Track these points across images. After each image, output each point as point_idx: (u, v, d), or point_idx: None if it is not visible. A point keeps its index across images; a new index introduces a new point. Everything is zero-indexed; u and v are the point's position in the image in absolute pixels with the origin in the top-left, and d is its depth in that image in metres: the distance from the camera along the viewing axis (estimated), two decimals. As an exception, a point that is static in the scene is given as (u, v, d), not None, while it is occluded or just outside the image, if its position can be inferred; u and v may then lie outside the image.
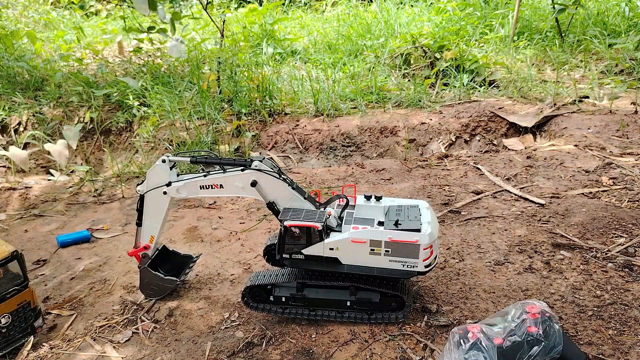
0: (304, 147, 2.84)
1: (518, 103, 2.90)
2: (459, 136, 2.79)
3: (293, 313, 1.23)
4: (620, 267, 1.37)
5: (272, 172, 1.18)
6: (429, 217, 1.16)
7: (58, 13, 5.98)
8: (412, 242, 1.10)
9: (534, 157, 2.23)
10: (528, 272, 1.38)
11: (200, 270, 1.47)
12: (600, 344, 1.09)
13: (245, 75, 3.19)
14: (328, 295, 1.21)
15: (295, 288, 1.22)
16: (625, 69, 3.27)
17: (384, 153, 2.76)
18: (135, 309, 1.31)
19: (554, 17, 3.90)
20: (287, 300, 1.23)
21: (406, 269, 1.13)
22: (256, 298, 1.24)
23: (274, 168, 1.19)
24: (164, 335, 1.21)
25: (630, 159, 2.08)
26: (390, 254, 1.13)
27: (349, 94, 3.19)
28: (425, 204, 1.22)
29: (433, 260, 1.15)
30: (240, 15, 5.11)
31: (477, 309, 1.24)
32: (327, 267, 1.17)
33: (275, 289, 1.24)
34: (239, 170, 1.19)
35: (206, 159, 1.22)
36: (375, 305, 1.20)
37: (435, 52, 3.51)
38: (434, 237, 1.11)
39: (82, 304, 1.34)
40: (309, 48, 4.49)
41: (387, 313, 1.19)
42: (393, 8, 4.95)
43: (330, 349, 1.12)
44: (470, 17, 4.45)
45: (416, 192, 1.94)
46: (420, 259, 1.12)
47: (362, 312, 1.20)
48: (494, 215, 1.71)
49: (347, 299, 1.20)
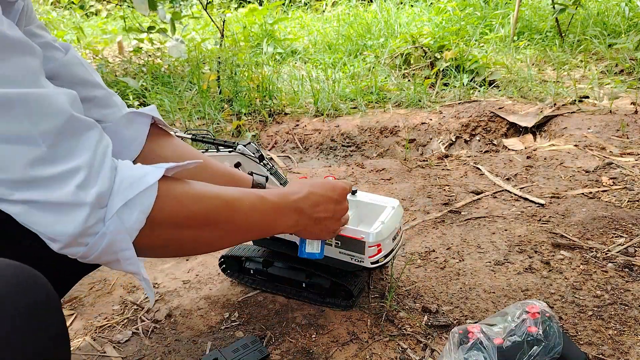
0: (304, 147, 2.84)
1: (518, 103, 2.90)
2: (459, 136, 2.79)
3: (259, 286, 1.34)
4: (620, 267, 1.37)
5: (253, 156, 1.24)
6: (387, 217, 1.19)
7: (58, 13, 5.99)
8: (358, 239, 1.13)
9: (534, 157, 2.23)
10: (528, 272, 1.38)
11: (200, 270, 1.47)
12: (600, 344, 1.09)
13: (245, 75, 3.19)
14: (287, 274, 1.30)
15: (261, 264, 1.32)
16: (625, 69, 3.27)
17: (384, 153, 2.76)
18: (135, 309, 1.31)
19: (554, 17, 3.90)
20: (254, 273, 1.34)
21: (354, 262, 1.18)
22: (230, 267, 1.37)
23: (256, 153, 1.25)
24: (164, 335, 1.21)
25: (630, 159, 2.08)
26: (340, 247, 1.18)
27: (349, 94, 3.19)
28: (396, 203, 1.24)
29: (382, 258, 1.18)
30: (240, 15, 5.11)
31: (477, 309, 1.24)
32: (287, 250, 1.26)
33: (245, 262, 1.35)
34: (227, 152, 1.26)
35: (203, 138, 1.28)
36: (327, 291, 1.26)
37: (435, 52, 3.51)
38: (383, 236, 1.14)
39: (82, 303, 1.34)
40: (309, 48, 4.49)
41: (337, 299, 1.25)
42: (393, 8, 4.95)
43: (330, 349, 1.12)
44: (470, 17, 4.46)
45: (416, 192, 1.94)
46: (366, 255, 1.15)
47: (315, 295, 1.28)
48: (494, 215, 1.71)
49: (303, 280, 1.28)
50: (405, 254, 1.51)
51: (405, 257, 1.49)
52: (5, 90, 0.53)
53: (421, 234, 1.62)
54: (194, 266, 1.49)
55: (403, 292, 1.32)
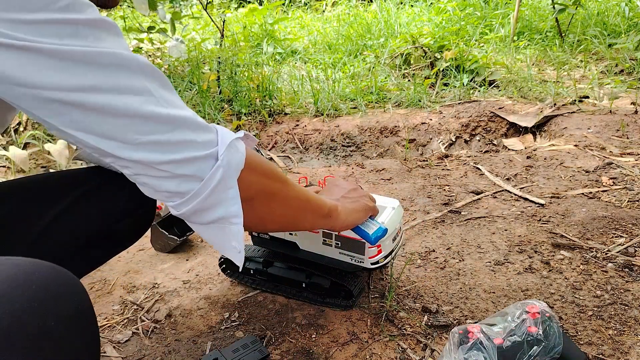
0: (304, 147, 2.84)
1: (518, 103, 2.90)
2: (459, 136, 2.79)
3: (259, 286, 1.33)
4: (620, 267, 1.37)
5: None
6: (388, 217, 1.18)
7: (58, 13, 5.98)
8: (358, 239, 1.13)
9: (534, 157, 2.23)
10: (528, 272, 1.38)
11: (200, 270, 1.47)
12: (600, 344, 1.09)
13: (245, 75, 3.19)
14: (287, 274, 1.29)
15: (262, 264, 1.32)
16: (625, 69, 3.27)
17: (384, 153, 2.76)
18: (135, 309, 1.31)
19: (554, 17, 3.90)
20: (254, 273, 1.33)
21: (354, 263, 1.17)
22: (230, 267, 1.36)
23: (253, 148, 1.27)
24: (164, 335, 1.21)
25: (630, 159, 2.08)
26: (340, 247, 1.17)
27: (349, 94, 3.19)
28: (396, 204, 1.24)
29: (382, 258, 1.17)
30: (240, 15, 5.11)
31: (477, 309, 1.24)
32: (286, 250, 1.25)
33: (245, 262, 1.33)
34: None
35: None
36: (327, 291, 1.25)
37: (435, 52, 3.52)
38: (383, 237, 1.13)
39: (82, 304, 1.33)
40: (309, 48, 4.49)
41: (337, 299, 1.24)
42: (393, 8, 4.95)
43: (330, 349, 1.12)
44: (470, 17, 4.46)
45: (416, 192, 1.94)
46: (366, 256, 1.15)
47: (315, 295, 1.27)
48: (494, 215, 1.71)
49: (303, 280, 1.27)
50: (405, 254, 1.51)
51: (405, 257, 1.49)
52: None
53: (421, 234, 1.62)
54: (194, 266, 1.50)
55: (403, 292, 1.32)
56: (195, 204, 0.66)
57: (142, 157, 0.61)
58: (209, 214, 0.69)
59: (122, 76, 0.59)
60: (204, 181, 0.64)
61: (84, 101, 0.58)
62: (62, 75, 0.56)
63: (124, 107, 0.59)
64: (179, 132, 0.62)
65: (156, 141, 0.61)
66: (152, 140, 0.61)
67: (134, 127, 0.60)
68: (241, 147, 0.69)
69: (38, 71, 0.55)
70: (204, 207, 0.67)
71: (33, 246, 0.83)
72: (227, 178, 0.66)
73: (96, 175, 0.97)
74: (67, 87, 0.57)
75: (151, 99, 0.61)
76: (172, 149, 0.62)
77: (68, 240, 0.89)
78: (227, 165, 0.65)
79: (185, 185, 0.64)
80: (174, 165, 0.62)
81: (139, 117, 0.60)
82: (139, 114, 0.60)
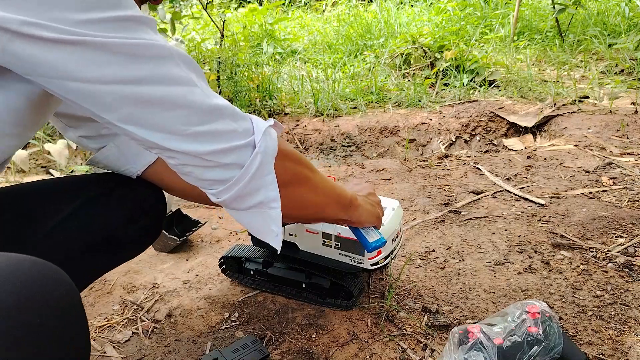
0: (304, 147, 2.85)
1: (518, 103, 2.90)
2: (459, 136, 2.79)
3: (259, 286, 1.33)
4: (620, 267, 1.37)
5: None
6: (388, 218, 1.18)
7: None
8: (358, 240, 1.12)
9: (534, 157, 2.23)
10: (528, 272, 1.38)
11: (200, 270, 1.47)
12: (600, 344, 1.09)
13: (245, 75, 3.19)
14: (287, 275, 1.29)
15: (261, 264, 1.31)
16: (625, 69, 3.27)
17: (384, 153, 2.76)
18: (135, 309, 1.31)
19: (554, 17, 3.90)
20: (253, 273, 1.33)
21: (354, 264, 1.18)
22: (230, 267, 1.36)
23: None
24: (164, 335, 1.21)
25: (630, 159, 2.08)
26: (340, 248, 1.18)
27: (349, 94, 3.19)
28: (396, 204, 1.24)
29: (382, 259, 1.17)
30: (240, 15, 5.11)
31: (477, 309, 1.24)
32: (286, 250, 1.25)
33: (245, 262, 1.34)
34: None
35: None
36: (326, 291, 1.25)
37: (435, 52, 3.52)
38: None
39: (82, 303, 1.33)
40: (309, 48, 4.49)
41: (337, 299, 1.24)
42: (393, 8, 4.95)
43: (330, 349, 1.12)
44: (470, 17, 4.46)
45: (416, 192, 1.94)
46: (365, 257, 1.15)
47: (315, 295, 1.27)
48: (494, 215, 1.71)
49: (303, 281, 1.27)
50: (405, 254, 1.51)
51: (405, 257, 1.49)
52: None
53: (421, 234, 1.62)
54: (194, 266, 1.50)
55: (403, 292, 1.32)
56: (236, 191, 0.67)
57: (189, 147, 0.62)
58: (249, 200, 0.70)
59: (169, 67, 0.60)
60: (244, 168, 0.66)
61: (136, 93, 0.59)
62: (115, 68, 0.57)
63: (174, 98, 0.60)
64: (222, 121, 0.64)
65: (203, 132, 0.62)
66: (199, 131, 0.62)
67: (182, 118, 0.61)
68: (274, 133, 0.71)
69: (92, 65, 0.56)
70: (244, 193, 0.68)
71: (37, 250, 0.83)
72: (265, 164, 0.68)
73: (104, 182, 0.97)
74: (120, 80, 0.58)
75: (196, 90, 0.62)
76: (218, 139, 0.63)
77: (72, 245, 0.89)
78: (264, 151, 0.67)
79: (227, 173, 0.66)
80: (219, 155, 0.64)
81: (187, 107, 0.61)
82: (187, 104, 0.61)
